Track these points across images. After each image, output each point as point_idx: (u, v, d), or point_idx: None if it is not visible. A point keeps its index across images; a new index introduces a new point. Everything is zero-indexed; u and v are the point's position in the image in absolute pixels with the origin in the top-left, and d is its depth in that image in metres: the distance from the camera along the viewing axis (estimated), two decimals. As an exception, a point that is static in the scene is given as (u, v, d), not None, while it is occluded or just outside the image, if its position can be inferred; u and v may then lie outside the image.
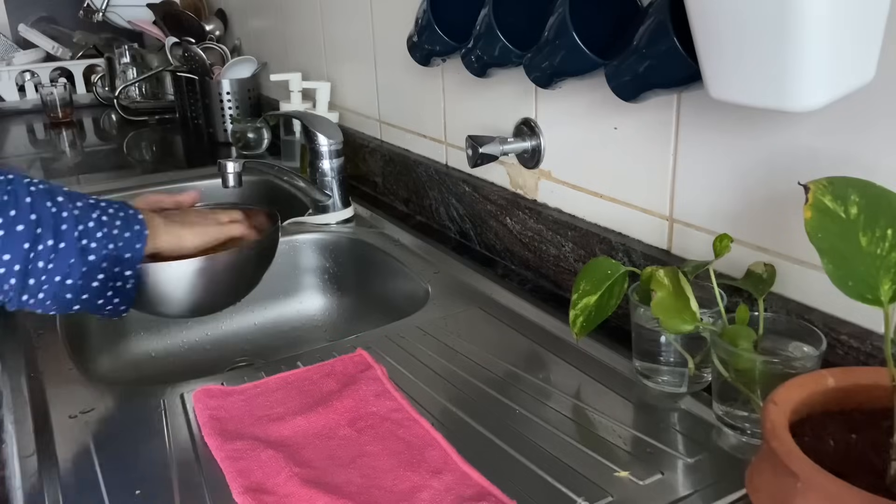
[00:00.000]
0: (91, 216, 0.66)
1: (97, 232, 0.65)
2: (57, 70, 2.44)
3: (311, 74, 1.53)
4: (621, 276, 0.67)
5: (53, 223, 0.62)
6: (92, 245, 0.65)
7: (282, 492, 0.54)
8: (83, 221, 0.65)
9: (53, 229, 0.62)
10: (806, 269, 0.62)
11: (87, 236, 0.65)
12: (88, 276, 0.65)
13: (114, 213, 0.68)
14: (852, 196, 0.45)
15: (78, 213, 0.64)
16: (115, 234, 0.67)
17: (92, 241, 0.65)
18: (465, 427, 0.62)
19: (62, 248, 0.63)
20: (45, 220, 0.62)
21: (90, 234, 0.65)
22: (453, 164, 1.11)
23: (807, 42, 0.47)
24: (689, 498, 0.53)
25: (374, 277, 1.06)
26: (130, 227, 0.69)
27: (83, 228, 0.64)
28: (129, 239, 0.68)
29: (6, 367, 0.76)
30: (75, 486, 0.57)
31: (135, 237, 0.69)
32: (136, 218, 0.70)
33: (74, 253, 0.63)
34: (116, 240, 0.67)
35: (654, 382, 0.67)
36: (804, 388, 0.47)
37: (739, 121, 0.65)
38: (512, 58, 0.79)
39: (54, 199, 0.63)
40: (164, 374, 0.99)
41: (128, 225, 0.69)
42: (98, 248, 0.65)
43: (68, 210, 0.64)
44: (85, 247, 0.64)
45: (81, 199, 0.67)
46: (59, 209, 0.63)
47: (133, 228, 0.69)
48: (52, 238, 0.62)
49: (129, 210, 0.70)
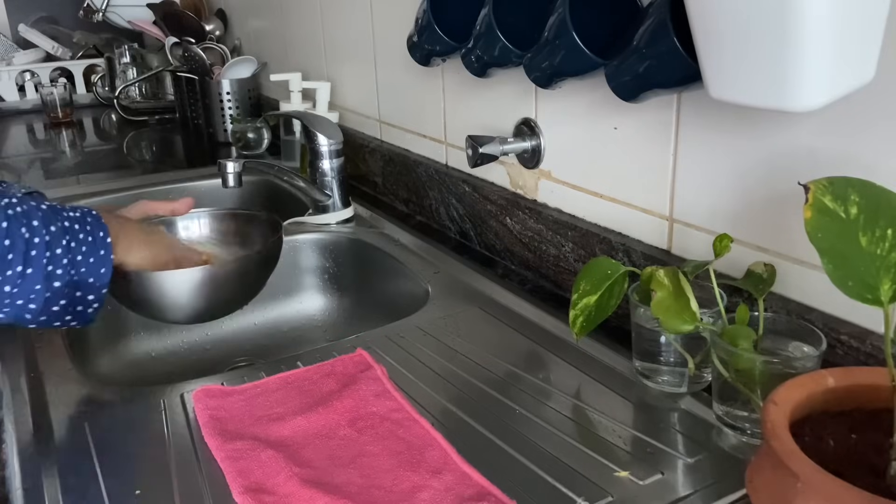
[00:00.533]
0: (61, 242, 0.65)
1: (63, 259, 0.65)
2: (57, 70, 2.44)
3: (311, 74, 1.53)
4: (621, 276, 0.67)
5: (25, 249, 0.62)
6: (57, 272, 0.65)
7: (282, 492, 0.54)
8: (52, 248, 0.65)
9: (24, 255, 0.62)
10: (806, 269, 0.62)
11: (53, 263, 0.65)
12: (50, 300, 0.65)
13: (83, 237, 0.68)
14: (852, 196, 0.45)
15: (49, 240, 0.64)
16: (78, 261, 0.67)
17: (58, 267, 0.65)
18: (465, 427, 0.62)
19: (29, 273, 0.63)
20: (17, 247, 0.62)
21: (56, 262, 0.65)
22: (453, 164, 1.11)
23: (807, 42, 0.47)
24: (689, 498, 0.53)
25: (374, 277, 1.06)
26: (97, 251, 0.69)
27: (50, 255, 0.64)
28: (94, 264, 0.68)
29: (6, 367, 0.76)
30: (75, 486, 0.57)
31: (100, 262, 0.69)
32: (104, 242, 0.69)
33: (40, 279, 0.64)
34: (79, 265, 0.67)
35: (654, 382, 0.67)
36: (804, 388, 0.47)
37: (739, 121, 0.65)
38: (512, 58, 0.79)
39: (30, 223, 0.63)
40: (164, 374, 0.99)
41: (94, 249, 0.68)
42: (62, 274, 0.65)
43: (41, 236, 0.64)
44: (50, 273, 0.64)
45: (56, 223, 0.66)
46: (33, 234, 0.63)
47: (98, 253, 0.69)
48: (22, 264, 0.62)
49: (100, 233, 0.69)
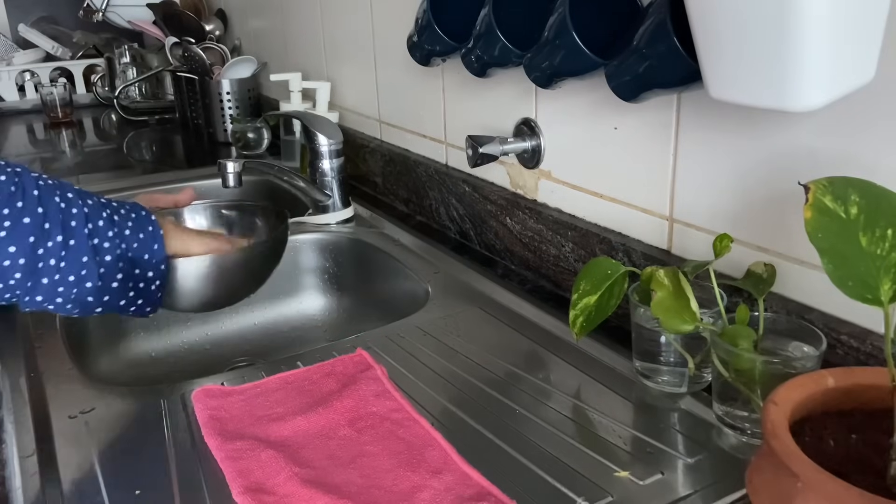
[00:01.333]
0: (101, 214, 0.63)
1: (108, 231, 0.63)
2: (57, 70, 2.44)
3: (311, 74, 1.53)
4: (621, 276, 0.67)
5: (62, 219, 0.59)
6: (105, 244, 0.62)
7: (282, 492, 0.54)
8: (93, 220, 0.62)
9: (62, 225, 0.59)
10: (806, 269, 0.62)
11: (97, 235, 0.62)
12: (106, 276, 0.63)
13: (125, 213, 0.66)
14: (852, 196, 0.45)
15: (88, 211, 0.62)
16: (126, 235, 0.65)
17: (104, 240, 0.62)
18: (465, 427, 0.62)
19: (72, 244, 0.60)
20: (52, 215, 0.59)
21: (101, 233, 0.62)
22: (453, 164, 1.11)
23: (807, 42, 0.47)
24: (689, 498, 0.53)
25: (374, 277, 1.06)
26: (144, 227, 0.67)
27: (93, 227, 0.62)
28: (144, 240, 0.66)
29: (6, 367, 0.76)
30: (75, 486, 0.57)
31: (150, 238, 0.67)
32: (148, 219, 0.68)
33: (86, 251, 0.61)
34: (129, 240, 0.65)
35: (654, 382, 0.67)
36: (804, 388, 0.47)
37: (739, 121, 0.65)
38: (512, 58, 0.79)
39: (63, 194, 0.61)
40: (164, 374, 0.99)
41: (140, 226, 0.67)
42: (111, 247, 0.63)
43: (78, 206, 0.61)
44: (97, 246, 0.62)
45: (91, 198, 0.64)
46: (69, 205, 0.61)
47: (147, 229, 0.67)
48: (61, 234, 0.59)
49: (142, 211, 0.68)
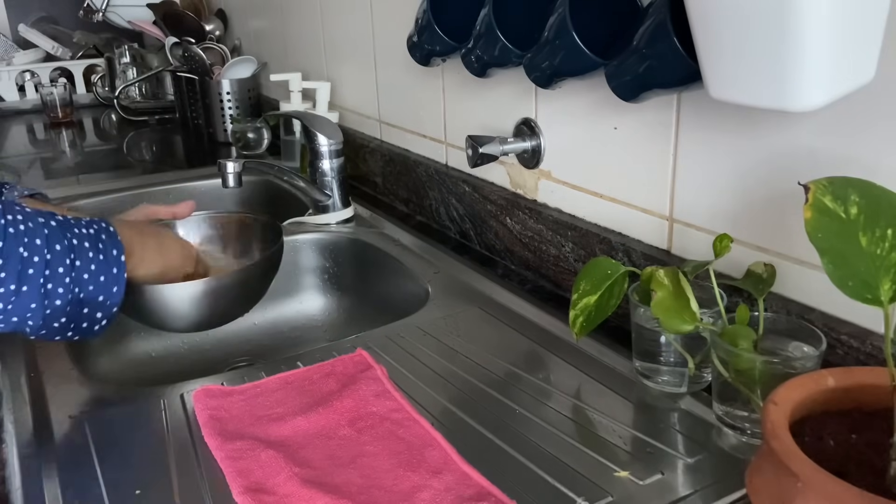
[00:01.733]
0: (65, 262, 0.64)
1: (65, 277, 0.64)
2: (57, 70, 2.44)
3: (311, 74, 1.53)
4: (621, 276, 0.67)
5: (20, 269, 0.61)
6: (58, 290, 0.63)
7: (282, 492, 0.54)
8: (53, 267, 0.63)
9: (18, 274, 0.60)
10: (806, 269, 0.62)
11: (52, 281, 0.63)
12: (50, 317, 0.64)
13: (94, 255, 0.66)
14: (852, 196, 0.45)
15: (50, 258, 0.63)
16: (85, 279, 0.65)
17: (58, 286, 0.63)
18: (465, 427, 0.62)
19: (24, 291, 0.61)
20: (11, 265, 0.60)
21: (56, 280, 0.63)
22: (453, 164, 1.11)
23: (807, 42, 0.47)
24: (689, 498, 0.53)
25: (374, 277, 1.06)
26: (108, 269, 0.67)
27: (50, 273, 0.63)
28: (104, 283, 0.67)
29: (6, 367, 0.76)
30: (75, 486, 0.57)
31: (111, 280, 0.67)
32: (118, 261, 0.68)
33: (36, 298, 0.62)
34: (87, 284, 0.65)
35: (654, 382, 0.67)
36: (804, 388, 0.47)
37: (739, 121, 0.65)
38: (512, 58, 0.79)
39: (31, 241, 0.62)
40: (164, 374, 0.99)
41: (106, 268, 0.67)
42: (64, 293, 0.64)
43: (41, 255, 0.62)
44: (49, 291, 0.63)
45: (62, 241, 0.64)
46: (32, 254, 0.61)
47: (111, 272, 0.67)
48: (15, 283, 0.60)
49: (113, 251, 0.68)
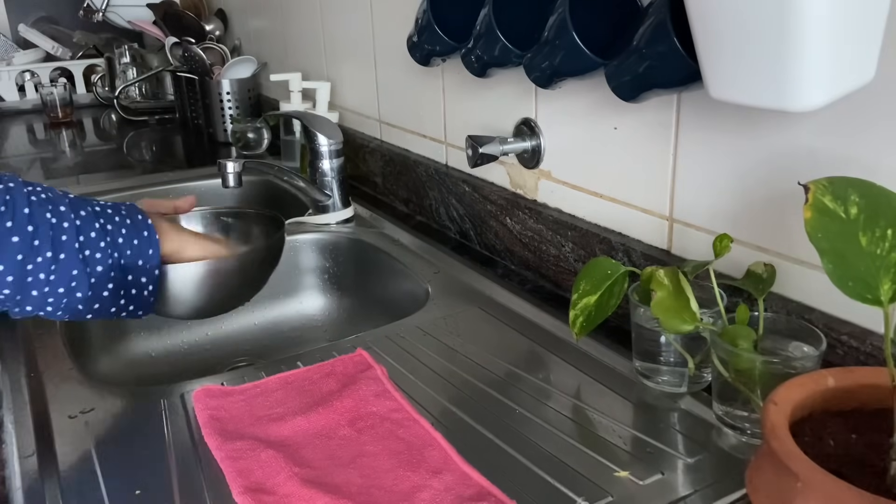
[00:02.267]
0: (94, 226, 0.64)
1: (100, 241, 0.64)
2: (57, 70, 2.44)
3: (311, 74, 1.53)
4: (621, 276, 0.67)
5: (52, 235, 0.60)
6: (96, 255, 0.63)
7: (282, 492, 0.55)
8: (84, 232, 0.63)
9: (52, 241, 0.60)
10: (806, 269, 0.62)
11: (88, 246, 0.63)
12: (97, 286, 0.64)
13: (119, 220, 0.66)
14: (852, 196, 0.45)
15: (80, 224, 0.63)
16: (120, 243, 0.65)
17: (96, 251, 0.63)
18: (465, 427, 0.62)
19: (62, 259, 0.61)
20: (42, 232, 0.60)
21: (92, 244, 0.63)
22: (453, 164, 1.11)
23: (806, 42, 0.47)
24: (689, 498, 0.53)
25: (374, 277, 1.06)
26: (139, 233, 0.67)
27: (84, 239, 0.63)
28: (139, 246, 0.67)
29: (6, 367, 0.76)
30: (75, 486, 0.57)
31: (144, 244, 0.67)
32: (144, 223, 0.68)
33: (76, 264, 0.62)
34: (122, 248, 0.66)
35: (654, 382, 0.67)
36: (804, 388, 0.47)
37: (739, 121, 0.65)
38: (512, 58, 0.79)
39: (56, 208, 0.62)
40: (164, 374, 0.99)
41: (135, 232, 0.67)
42: (102, 258, 0.64)
43: (69, 220, 0.62)
44: (88, 257, 0.63)
45: (86, 208, 0.65)
46: (60, 219, 0.62)
47: (142, 235, 0.67)
48: (51, 250, 0.60)
49: (138, 216, 0.68)
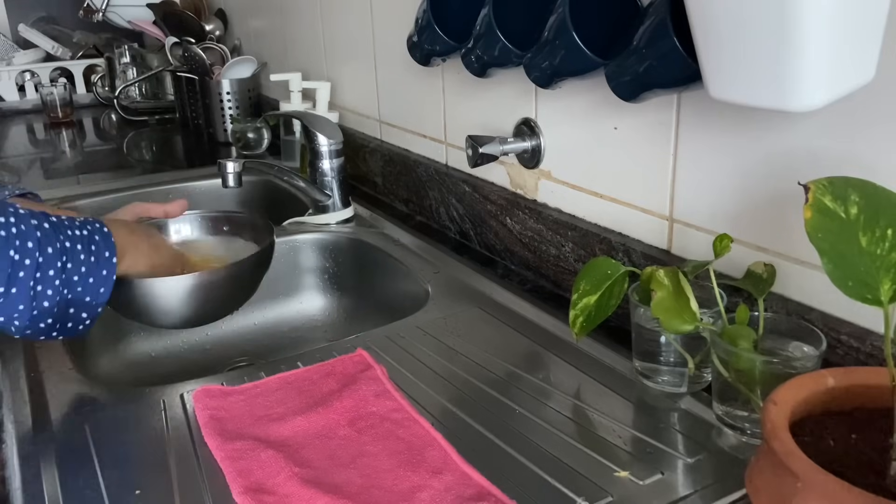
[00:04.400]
0: (56, 264, 0.63)
1: (56, 280, 0.63)
2: (57, 70, 2.44)
3: (311, 74, 1.53)
4: (621, 276, 0.67)
5: (10, 272, 0.60)
6: (47, 292, 0.63)
7: (282, 492, 0.55)
8: (43, 270, 0.63)
9: (8, 277, 0.60)
10: (806, 269, 0.62)
11: (42, 283, 0.63)
12: (37, 318, 0.64)
13: (85, 257, 0.66)
14: (852, 196, 0.45)
15: (41, 261, 0.62)
16: (74, 281, 0.65)
17: (47, 288, 0.63)
18: (465, 427, 0.62)
19: (13, 293, 0.61)
20: (2, 268, 0.60)
21: (46, 282, 0.63)
22: (453, 164, 1.11)
23: (806, 42, 0.47)
24: (689, 498, 0.53)
25: (374, 277, 1.06)
26: (98, 271, 0.67)
27: (40, 276, 0.62)
28: (93, 285, 0.67)
29: (6, 367, 0.76)
30: (75, 486, 0.57)
31: (100, 282, 0.67)
32: (109, 262, 0.68)
33: (24, 300, 0.62)
34: (76, 286, 0.65)
35: (654, 382, 0.67)
36: (804, 388, 0.47)
37: (739, 121, 0.65)
38: (512, 58, 0.79)
39: (23, 244, 0.61)
40: (164, 374, 0.99)
41: (96, 269, 0.67)
42: (52, 295, 0.64)
43: (32, 258, 0.62)
44: (38, 293, 0.63)
45: (55, 243, 0.64)
46: (23, 257, 0.61)
47: (100, 273, 0.67)
48: (4, 285, 0.60)
49: (105, 252, 0.68)
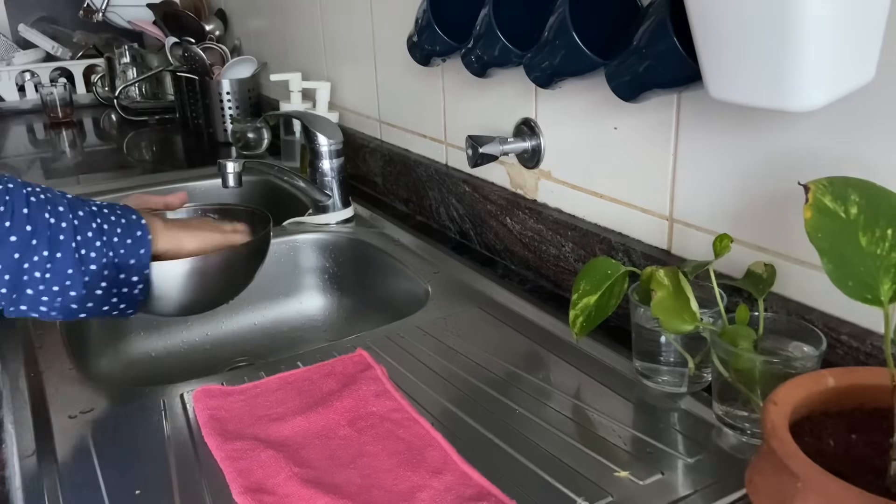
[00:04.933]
0: (91, 225, 0.65)
1: (96, 241, 0.65)
2: (57, 70, 2.44)
3: (311, 74, 1.53)
4: (621, 276, 0.67)
5: (49, 234, 0.62)
6: (91, 254, 0.64)
7: (282, 492, 0.55)
8: (82, 231, 0.64)
9: (49, 240, 0.61)
10: (806, 269, 0.62)
11: (85, 246, 0.64)
12: (90, 285, 0.65)
13: (115, 220, 0.68)
14: (852, 196, 0.45)
15: (77, 223, 0.64)
16: (115, 242, 0.67)
17: (91, 250, 0.64)
18: (465, 427, 0.62)
19: (58, 258, 0.62)
20: (40, 231, 0.61)
21: (89, 244, 0.64)
22: (453, 164, 1.11)
23: (806, 42, 0.47)
24: (689, 498, 0.53)
25: (374, 277, 1.06)
26: (132, 233, 0.69)
27: (81, 239, 0.64)
28: (132, 245, 0.68)
29: (6, 367, 0.76)
30: (75, 486, 0.57)
31: (137, 243, 0.69)
32: (138, 223, 0.70)
33: (71, 264, 0.63)
34: (117, 247, 0.67)
35: (654, 382, 0.67)
36: (804, 388, 0.47)
37: (739, 121, 0.65)
38: (512, 58, 0.79)
39: (54, 208, 0.63)
40: (164, 374, 0.99)
41: (130, 231, 0.69)
42: (97, 257, 0.65)
43: (67, 220, 0.63)
44: (83, 256, 0.64)
45: (83, 208, 0.66)
46: (58, 219, 0.63)
47: (135, 234, 0.69)
48: (48, 249, 0.61)
49: (132, 216, 0.70)
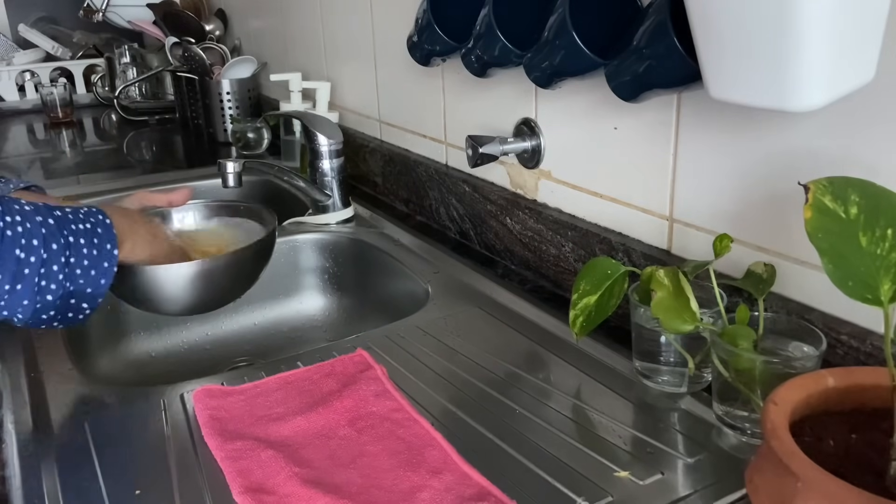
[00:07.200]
0: (59, 260, 0.64)
1: (59, 274, 0.64)
2: (57, 70, 2.44)
3: (311, 74, 1.53)
4: (621, 276, 0.67)
5: (15, 270, 0.61)
6: (51, 286, 0.64)
7: (282, 492, 0.55)
8: (48, 265, 0.63)
9: (14, 275, 0.61)
10: (806, 269, 0.62)
11: (46, 278, 0.63)
12: (39, 311, 0.64)
13: (87, 251, 0.66)
14: (852, 196, 0.45)
15: (46, 257, 0.63)
16: (77, 274, 0.66)
17: (51, 283, 0.64)
18: (465, 427, 0.62)
19: (18, 289, 0.62)
20: (6, 268, 0.60)
21: (50, 278, 0.64)
22: (453, 164, 1.11)
23: (807, 42, 0.47)
24: (689, 498, 0.53)
25: (374, 277, 1.06)
26: (100, 263, 0.67)
27: (44, 272, 0.63)
28: (95, 277, 0.67)
29: (6, 367, 0.76)
30: (75, 486, 0.57)
31: (101, 274, 0.67)
32: (110, 255, 0.68)
33: (29, 296, 0.63)
34: (78, 279, 0.66)
35: (654, 382, 0.67)
36: (804, 388, 0.47)
37: (739, 121, 0.65)
38: (512, 58, 0.79)
39: (29, 242, 0.62)
40: (164, 374, 0.99)
41: (98, 262, 0.67)
42: (56, 289, 0.64)
43: (37, 255, 0.62)
44: (42, 289, 0.63)
45: (59, 239, 0.64)
46: (28, 255, 0.62)
47: (101, 266, 0.67)
48: (10, 283, 0.61)
49: (106, 245, 0.68)
